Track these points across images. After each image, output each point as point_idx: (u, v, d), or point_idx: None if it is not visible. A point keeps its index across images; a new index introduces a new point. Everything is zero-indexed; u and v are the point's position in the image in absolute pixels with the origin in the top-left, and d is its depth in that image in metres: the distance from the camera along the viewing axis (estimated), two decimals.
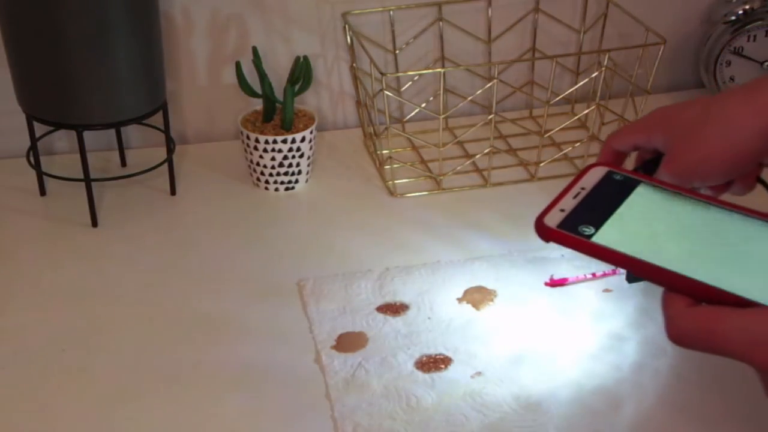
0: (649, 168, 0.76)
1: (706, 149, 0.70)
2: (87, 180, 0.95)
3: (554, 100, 1.02)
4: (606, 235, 0.51)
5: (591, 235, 0.51)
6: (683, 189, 0.54)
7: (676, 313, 0.49)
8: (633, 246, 0.50)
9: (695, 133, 0.71)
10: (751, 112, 0.69)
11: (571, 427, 0.72)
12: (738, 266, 0.49)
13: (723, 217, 0.52)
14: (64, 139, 1.10)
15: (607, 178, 0.55)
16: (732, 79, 1.19)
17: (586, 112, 1.12)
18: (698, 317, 0.48)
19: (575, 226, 0.51)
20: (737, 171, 0.72)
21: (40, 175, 1.01)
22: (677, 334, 0.49)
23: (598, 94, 1.06)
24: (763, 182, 0.74)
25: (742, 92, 0.71)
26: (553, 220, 0.52)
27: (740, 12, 1.16)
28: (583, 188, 0.54)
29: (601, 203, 0.53)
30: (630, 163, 0.74)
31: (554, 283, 0.88)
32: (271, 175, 1.02)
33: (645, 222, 0.52)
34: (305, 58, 1.02)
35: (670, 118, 0.74)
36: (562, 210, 0.53)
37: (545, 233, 0.52)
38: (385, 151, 1.06)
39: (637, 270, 0.50)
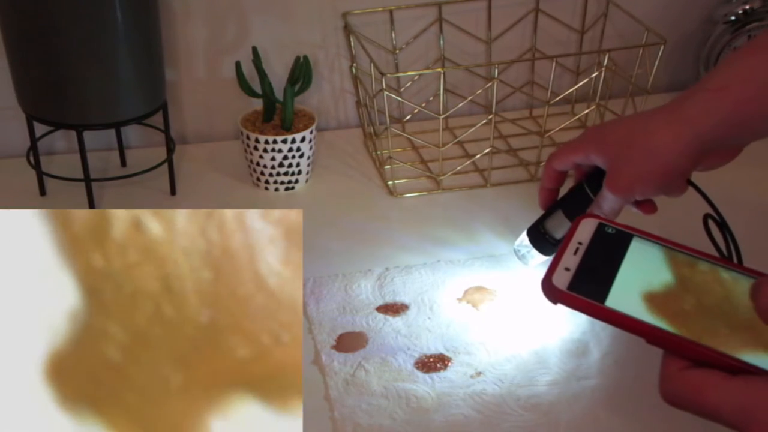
0: (593, 181, 0.77)
1: (636, 169, 0.71)
2: (87, 180, 0.95)
3: (554, 100, 1.02)
4: (615, 298, 0.51)
5: (603, 299, 0.50)
6: (672, 243, 0.54)
7: (668, 376, 0.49)
8: (639, 308, 0.50)
9: (624, 155, 0.72)
10: (671, 135, 0.70)
11: (571, 428, 0.72)
12: (734, 327, 0.49)
13: (719, 274, 0.52)
14: (64, 139, 1.10)
15: (600, 232, 0.55)
16: None
17: (586, 112, 1.12)
18: (688, 383, 0.48)
19: (585, 288, 0.51)
20: (670, 185, 0.73)
21: (40, 175, 1.01)
22: (668, 396, 0.49)
23: (598, 94, 1.06)
24: (692, 184, 0.74)
25: (664, 113, 0.71)
26: (560, 281, 0.52)
27: (740, 12, 1.16)
28: (580, 243, 0.54)
29: (602, 260, 0.53)
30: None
31: None
32: (271, 175, 1.02)
33: (646, 282, 0.52)
34: (305, 57, 1.02)
35: (603, 137, 0.75)
36: (567, 269, 0.52)
37: (554, 295, 0.51)
38: (385, 151, 1.06)
39: (644, 333, 0.49)
